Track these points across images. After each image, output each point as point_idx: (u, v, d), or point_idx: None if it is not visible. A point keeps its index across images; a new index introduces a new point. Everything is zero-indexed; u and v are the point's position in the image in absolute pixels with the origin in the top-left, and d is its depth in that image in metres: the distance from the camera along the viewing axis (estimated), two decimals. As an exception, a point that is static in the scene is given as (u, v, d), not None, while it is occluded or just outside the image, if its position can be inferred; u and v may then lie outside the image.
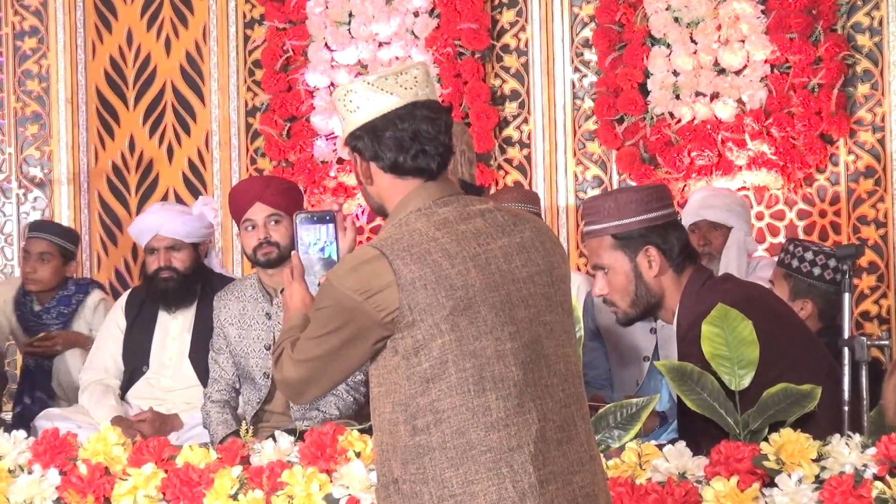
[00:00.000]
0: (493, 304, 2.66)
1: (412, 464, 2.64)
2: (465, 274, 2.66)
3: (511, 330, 2.66)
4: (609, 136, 6.34)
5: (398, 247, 2.66)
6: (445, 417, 2.62)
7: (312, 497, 3.59)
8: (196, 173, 6.93)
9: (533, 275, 2.72)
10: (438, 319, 2.63)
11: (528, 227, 2.78)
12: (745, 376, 3.49)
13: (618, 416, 3.62)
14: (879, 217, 6.10)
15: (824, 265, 4.61)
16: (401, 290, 2.63)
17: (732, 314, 3.51)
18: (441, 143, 2.76)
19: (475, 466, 2.61)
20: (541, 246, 2.76)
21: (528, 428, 2.63)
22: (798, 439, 3.37)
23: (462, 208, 2.75)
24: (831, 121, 6.05)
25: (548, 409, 2.67)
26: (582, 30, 6.48)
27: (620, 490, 3.39)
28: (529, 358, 2.67)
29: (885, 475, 3.30)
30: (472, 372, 2.63)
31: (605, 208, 3.72)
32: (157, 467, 3.78)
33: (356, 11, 6.64)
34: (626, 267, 3.72)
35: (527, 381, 2.65)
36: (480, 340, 2.64)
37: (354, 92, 2.76)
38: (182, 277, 5.22)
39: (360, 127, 2.77)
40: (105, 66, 7.04)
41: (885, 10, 6.08)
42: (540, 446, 2.63)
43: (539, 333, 2.70)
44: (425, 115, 2.76)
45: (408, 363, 2.64)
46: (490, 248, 2.70)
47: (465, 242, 2.69)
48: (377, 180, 2.79)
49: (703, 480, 3.41)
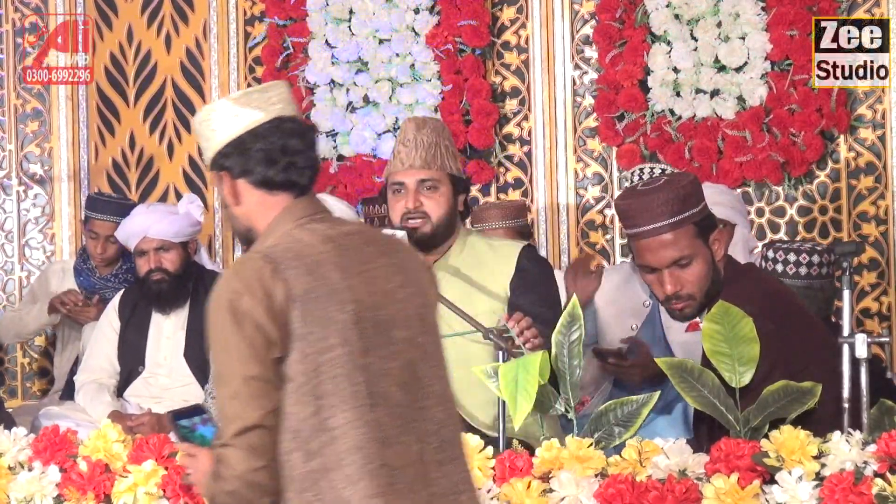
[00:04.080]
0: (377, 321, 2.62)
1: (309, 491, 2.55)
2: (354, 289, 2.61)
3: (392, 349, 2.62)
4: (609, 133, 6.34)
5: (288, 256, 2.60)
6: (340, 434, 2.54)
7: (313, 494, 3.59)
8: (196, 170, 6.93)
9: (409, 296, 2.69)
10: (330, 333, 2.57)
11: (402, 248, 2.78)
12: (745, 373, 3.49)
13: (618, 413, 3.62)
14: (880, 214, 6.10)
15: (784, 261, 4.60)
16: (291, 300, 2.56)
17: (733, 311, 3.50)
18: (310, 157, 2.72)
19: (375, 482, 2.54)
20: (414, 269, 2.74)
21: (410, 448, 2.59)
22: (798, 436, 3.37)
23: (338, 226, 2.71)
24: (831, 117, 6.05)
25: (426, 430, 2.63)
26: (582, 27, 6.47)
27: (621, 487, 3.40)
28: (407, 379, 2.63)
29: (885, 472, 3.30)
30: (364, 386, 2.57)
31: (680, 197, 3.60)
32: (158, 464, 3.78)
33: (357, 8, 6.63)
34: (706, 254, 3.62)
35: (406, 402, 2.61)
36: (368, 356, 2.59)
37: (216, 111, 2.72)
38: (174, 278, 5.23)
39: (228, 143, 2.70)
40: (105, 62, 7.04)
41: (885, 6, 6.08)
42: (422, 467, 2.60)
43: (415, 355, 2.66)
44: (293, 128, 2.72)
45: (296, 384, 2.56)
46: (373, 267, 2.67)
47: (350, 258, 2.65)
48: (246, 198, 2.72)
49: (704, 477, 3.41)
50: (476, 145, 6.47)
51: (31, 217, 6.97)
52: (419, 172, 4.22)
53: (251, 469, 2.53)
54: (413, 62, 6.57)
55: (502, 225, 5.57)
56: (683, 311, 3.67)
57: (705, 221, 3.65)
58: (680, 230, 3.60)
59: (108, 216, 5.96)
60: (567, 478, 3.45)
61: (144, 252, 5.23)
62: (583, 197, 6.45)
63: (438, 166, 4.23)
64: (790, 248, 4.64)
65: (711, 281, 3.63)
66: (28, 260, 6.93)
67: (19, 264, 6.91)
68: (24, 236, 6.94)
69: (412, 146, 4.22)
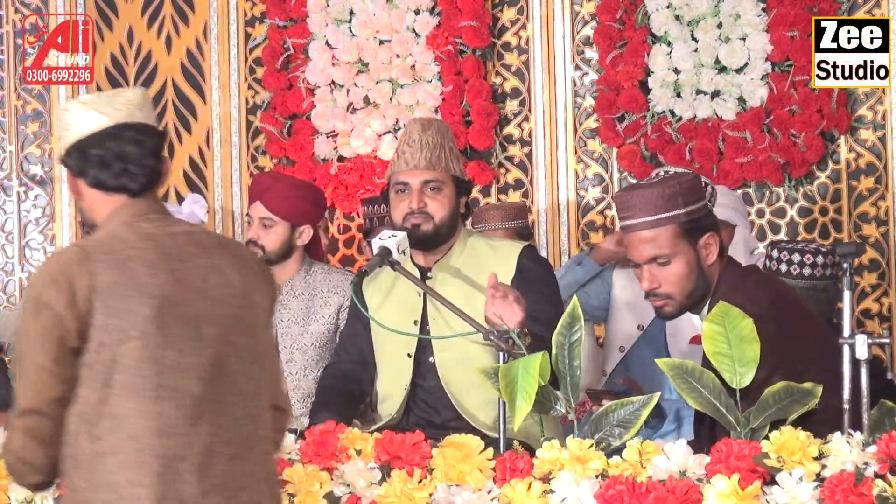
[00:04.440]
0: (184, 317, 2.76)
1: (87, 471, 2.72)
2: (162, 285, 2.75)
3: (196, 345, 2.76)
4: (610, 134, 6.34)
5: (100, 250, 2.77)
6: (122, 422, 2.70)
7: (313, 495, 3.60)
8: (197, 171, 6.93)
9: (226, 296, 2.82)
10: (127, 325, 2.72)
11: (230, 252, 2.89)
12: (745, 374, 3.49)
13: (619, 415, 3.62)
14: (880, 215, 6.10)
15: (789, 261, 4.60)
16: (94, 292, 2.72)
17: (734, 312, 3.50)
18: (146, 164, 2.86)
19: (144, 471, 2.69)
20: (240, 271, 2.86)
21: (198, 439, 2.73)
22: (799, 437, 3.37)
23: (166, 226, 2.86)
24: (832, 118, 6.05)
25: (223, 424, 2.77)
26: (583, 28, 6.47)
27: (621, 488, 3.40)
28: (211, 374, 2.76)
29: (885, 473, 3.30)
30: (150, 379, 2.72)
31: (668, 196, 3.62)
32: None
33: (357, 9, 6.63)
34: (690, 256, 3.65)
35: (204, 396, 2.75)
36: (165, 350, 2.73)
37: (69, 111, 2.88)
38: None
39: (72, 144, 2.87)
40: (106, 63, 7.04)
41: (885, 7, 6.08)
42: (207, 459, 2.73)
43: (225, 352, 2.79)
44: (133, 136, 2.86)
45: (92, 371, 2.72)
46: (189, 265, 2.81)
47: (165, 256, 2.79)
48: (86, 196, 2.90)
49: (704, 478, 3.41)
50: (476, 146, 6.47)
51: (32, 218, 6.97)
52: (424, 173, 4.22)
53: (23, 448, 2.77)
54: (413, 63, 6.58)
55: (502, 226, 5.57)
56: (663, 309, 3.72)
57: (693, 224, 3.65)
58: (660, 229, 3.64)
59: None
60: (567, 479, 3.45)
61: None
62: (583, 198, 6.46)
63: (443, 167, 4.23)
64: (794, 249, 4.63)
65: (695, 284, 3.66)
66: (28, 261, 6.93)
67: (20, 265, 6.91)
68: (24, 237, 6.94)
69: (417, 147, 4.22)
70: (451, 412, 4.20)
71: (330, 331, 4.72)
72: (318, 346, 4.72)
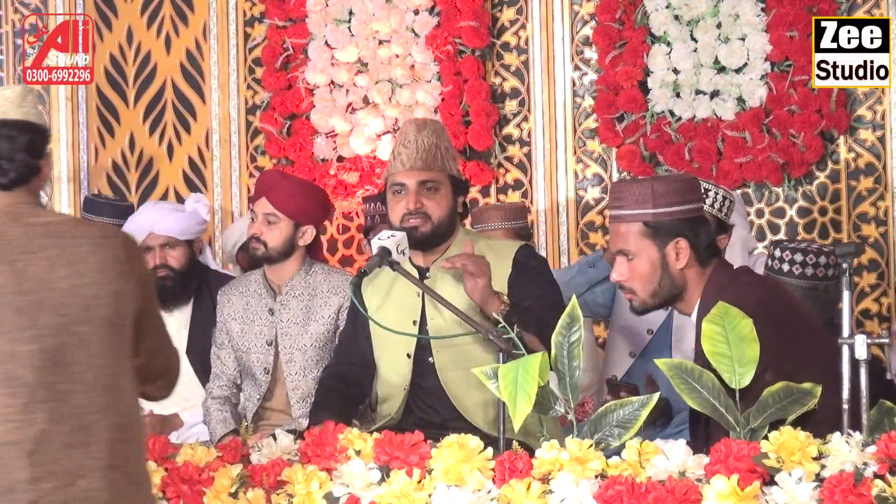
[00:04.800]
0: (19, 307, 2.82)
1: None
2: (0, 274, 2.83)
3: (32, 333, 2.81)
4: (609, 134, 6.34)
5: None
6: None
7: (312, 495, 3.60)
8: (196, 171, 6.93)
9: (76, 286, 2.86)
10: None
11: (89, 242, 2.91)
12: (745, 374, 3.49)
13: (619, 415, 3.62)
14: (880, 215, 6.10)
15: (791, 261, 4.60)
16: None
17: (733, 312, 3.50)
18: (17, 160, 2.96)
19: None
20: (99, 262, 2.89)
21: (31, 427, 2.77)
22: (798, 437, 3.37)
23: (28, 217, 2.91)
24: (831, 118, 6.05)
25: (60, 412, 2.80)
26: (582, 28, 6.47)
27: (620, 489, 3.40)
28: (47, 363, 2.81)
29: (885, 473, 3.30)
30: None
31: (639, 194, 3.67)
32: (158, 466, 3.78)
33: (356, 9, 6.63)
34: (653, 256, 3.68)
35: (39, 384, 2.80)
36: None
37: None
38: (178, 275, 5.23)
39: None
40: (105, 63, 7.04)
41: (885, 7, 6.08)
42: (40, 446, 2.77)
43: (66, 342, 2.83)
44: (4, 133, 2.97)
45: None
46: (35, 256, 2.86)
47: (9, 247, 2.86)
48: None
49: (704, 479, 3.41)
50: (476, 146, 6.47)
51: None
52: (420, 174, 4.22)
53: None
54: (413, 63, 6.58)
55: (502, 226, 5.58)
56: (631, 302, 3.77)
57: (661, 226, 3.66)
58: (627, 224, 3.70)
59: (104, 218, 5.96)
60: (567, 479, 3.45)
61: (150, 248, 5.23)
62: (582, 198, 6.46)
63: (439, 168, 4.23)
64: (797, 249, 4.63)
65: (658, 285, 3.70)
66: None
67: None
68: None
69: (413, 147, 4.22)
70: (450, 412, 4.20)
71: (330, 331, 4.72)
72: (318, 347, 4.71)
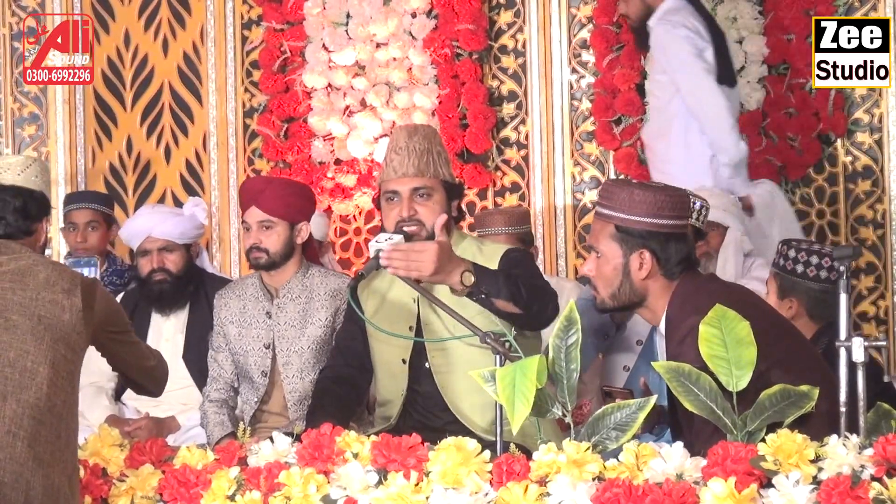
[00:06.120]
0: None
1: None
2: None
3: None
4: (606, 137, 6.35)
5: None
6: None
7: (310, 498, 3.59)
8: (193, 174, 6.93)
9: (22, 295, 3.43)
10: None
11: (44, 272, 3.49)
12: (742, 377, 3.49)
13: (616, 417, 3.62)
14: (877, 218, 6.10)
15: (806, 262, 4.59)
16: None
17: (730, 315, 3.50)
18: (6, 220, 3.67)
19: None
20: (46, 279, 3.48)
21: None
22: (795, 440, 3.37)
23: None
24: (829, 121, 6.05)
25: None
26: (579, 31, 6.48)
27: (617, 491, 3.39)
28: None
29: (882, 476, 3.30)
30: None
31: (619, 197, 3.69)
32: (155, 468, 3.78)
33: (354, 12, 6.64)
34: (617, 260, 3.71)
35: None
36: None
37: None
38: (175, 279, 5.23)
39: None
40: (103, 66, 7.04)
41: (882, 10, 6.09)
42: None
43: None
44: None
45: None
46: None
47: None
48: None
49: (701, 481, 3.41)
50: (473, 149, 6.48)
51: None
52: (413, 180, 4.20)
53: None
54: (410, 66, 6.58)
55: (505, 231, 5.55)
56: (595, 299, 3.79)
57: (626, 233, 3.68)
58: (602, 223, 3.73)
59: (84, 203, 5.99)
60: (564, 482, 3.45)
61: (147, 252, 5.23)
62: (580, 201, 6.46)
63: (432, 173, 4.21)
64: (812, 250, 4.62)
65: (618, 288, 3.72)
66: (25, 264, 6.92)
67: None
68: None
69: (404, 154, 4.21)
70: (447, 416, 4.20)
71: (327, 334, 4.72)
72: (315, 350, 4.71)
